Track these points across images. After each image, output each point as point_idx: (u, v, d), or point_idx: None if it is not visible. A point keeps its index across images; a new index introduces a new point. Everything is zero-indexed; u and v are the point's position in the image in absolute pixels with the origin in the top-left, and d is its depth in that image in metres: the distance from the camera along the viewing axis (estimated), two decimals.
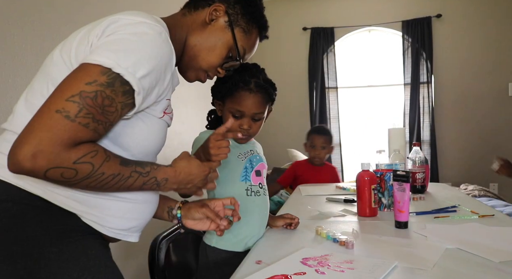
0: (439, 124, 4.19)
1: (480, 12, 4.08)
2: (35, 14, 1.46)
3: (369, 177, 1.36)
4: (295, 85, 4.45)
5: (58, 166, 0.61)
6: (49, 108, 0.61)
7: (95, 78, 0.63)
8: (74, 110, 0.61)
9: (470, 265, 0.86)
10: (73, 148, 0.62)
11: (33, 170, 0.60)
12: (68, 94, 0.62)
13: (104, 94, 0.64)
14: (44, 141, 0.59)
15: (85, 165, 0.64)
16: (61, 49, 0.75)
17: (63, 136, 0.60)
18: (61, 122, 0.60)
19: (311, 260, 0.89)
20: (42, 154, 0.59)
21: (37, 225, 0.68)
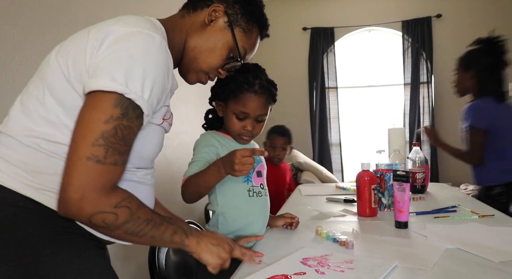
0: (439, 124, 4.19)
1: (480, 12, 4.08)
2: (35, 15, 1.46)
3: (369, 177, 1.36)
4: (295, 85, 4.45)
5: (101, 211, 0.65)
6: (79, 157, 0.64)
7: (110, 113, 0.65)
8: (102, 153, 0.64)
9: (470, 265, 0.86)
10: (112, 193, 0.66)
11: (79, 215, 0.64)
12: (92, 139, 0.64)
13: (122, 126, 0.66)
14: (87, 189, 0.63)
15: (124, 209, 0.67)
16: (57, 53, 0.75)
17: (101, 181, 0.65)
18: (95, 169, 0.64)
19: (311, 260, 0.89)
20: (87, 201, 0.63)
21: (30, 227, 0.68)
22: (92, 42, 0.70)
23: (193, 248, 0.81)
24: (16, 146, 0.71)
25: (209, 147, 1.12)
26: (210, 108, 1.24)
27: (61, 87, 0.71)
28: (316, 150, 4.31)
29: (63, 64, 0.72)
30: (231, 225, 1.13)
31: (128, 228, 0.69)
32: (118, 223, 0.67)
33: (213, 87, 1.18)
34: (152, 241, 0.74)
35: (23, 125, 0.72)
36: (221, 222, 1.13)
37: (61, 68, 0.72)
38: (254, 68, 1.15)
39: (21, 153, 0.71)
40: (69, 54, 0.72)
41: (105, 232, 0.69)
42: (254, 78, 1.10)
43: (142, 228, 0.70)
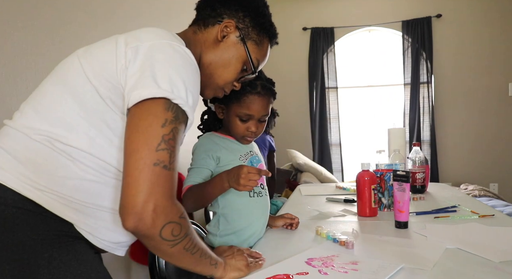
0: (439, 124, 4.19)
1: (480, 12, 4.09)
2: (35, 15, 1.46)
3: (369, 177, 1.36)
4: (295, 85, 4.45)
5: (171, 221, 0.64)
6: (146, 163, 0.62)
7: (165, 117, 0.65)
8: (167, 158, 0.64)
9: (470, 265, 0.86)
10: (177, 202, 0.66)
11: (152, 227, 0.62)
12: (155, 143, 0.63)
13: (177, 129, 0.67)
14: (159, 196, 0.62)
15: (185, 220, 0.67)
16: (80, 57, 0.74)
17: (169, 188, 0.64)
18: (164, 175, 0.63)
19: (316, 261, 0.89)
20: (160, 209, 0.62)
21: (28, 230, 0.67)
22: (124, 52, 0.70)
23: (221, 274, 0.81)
24: (27, 142, 0.70)
25: (207, 152, 1.12)
26: (206, 110, 1.23)
27: (84, 90, 0.71)
28: (316, 150, 4.32)
29: (88, 68, 0.71)
30: (232, 226, 1.13)
31: (187, 243, 0.68)
32: (182, 235, 0.67)
33: None
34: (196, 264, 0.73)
35: (36, 124, 0.70)
36: (222, 222, 1.13)
37: (84, 72, 0.71)
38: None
39: (31, 149, 0.69)
40: (95, 59, 0.72)
41: (166, 248, 0.66)
42: (255, 79, 1.10)
43: (195, 244, 0.70)
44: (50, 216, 0.69)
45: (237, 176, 0.96)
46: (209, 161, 1.11)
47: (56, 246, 0.68)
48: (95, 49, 0.74)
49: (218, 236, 1.14)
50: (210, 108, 1.21)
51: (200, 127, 1.24)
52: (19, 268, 0.64)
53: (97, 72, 0.71)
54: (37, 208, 0.68)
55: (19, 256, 0.65)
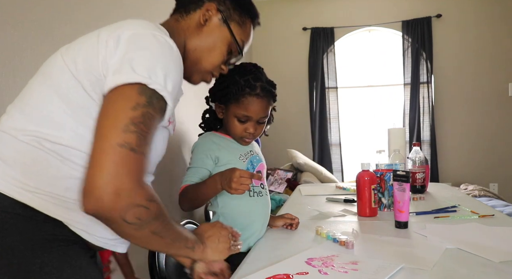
0: (439, 124, 4.19)
1: (480, 12, 4.09)
2: (35, 14, 1.46)
3: (369, 177, 1.36)
4: (295, 85, 4.45)
5: (137, 204, 0.61)
6: (111, 144, 0.60)
7: (137, 101, 0.63)
8: (135, 141, 0.61)
9: (470, 265, 0.86)
10: (144, 185, 0.63)
11: (114, 209, 0.59)
12: (121, 124, 0.61)
13: (150, 114, 0.64)
14: (122, 178, 0.59)
15: (155, 204, 0.64)
16: (63, 54, 0.73)
17: (136, 170, 0.61)
18: (129, 157, 0.60)
19: (316, 260, 0.89)
20: (124, 191, 0.59)
21: (18, 234, 0.64)
22: (105, 42, 0.69)
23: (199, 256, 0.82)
24: (15, 143, 0.68)
25: (206, 152, 1.12)
26: (208, 108, 1.23)
27: (68, 86, 0.69)
28: (316, 150, 4.31)
29: (71, 63, 0.70)
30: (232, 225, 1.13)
31: (157, 227, 0.66)
32: (150, 219, 0.64)
33: (212, 89, 1.18)
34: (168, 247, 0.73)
35: (23, 125, 0.69)
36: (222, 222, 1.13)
37: (68, 67, 0.70)
38: (254, 69, 1.13)
39: (19, 151, 0.68)
40: (78, 53, 0.71)
41: (131, 231, 0.64)
42: (255, 81, 1.10)
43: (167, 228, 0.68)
44: (42, 219, 0.67)
45: (229, 180, 0.96)
46: (207, 161, 1.11)
47: (48, 251, 0.66)
48: (77, 45, 0.73)
49: None
50: (211, 107, 1.21)
51: (202, 125, 1.25)
52: (9, 273, 0.62)
53: (81, 67, 0.69)
54: (28, 212, 0.66)
55: (8, 261, 0.63)
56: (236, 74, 1.10)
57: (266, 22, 4.46)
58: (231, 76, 1.10)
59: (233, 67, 1.16)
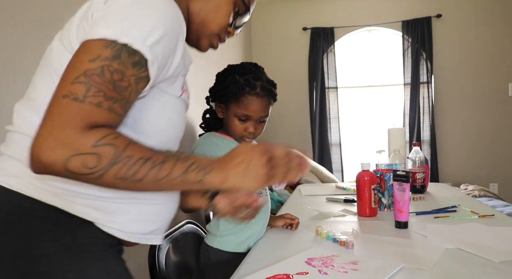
0: (439, 124, 4.19)
1: (480, 12, 4.09)
2: (35, 14, 1.46)
3: (369, 177, 1.36)
4: (295, 85, 4.45)
5: (77, 153, 0.53)
6: (56, 96, 0.55)
7: (98, 53, 0.57)
8: (82, 91, 0.55)
9: (470, 265, 0.86)
10: (90, 131, 0.55)
11: (53, 163, 0.53)
12: (73, 76, 0.56)
13: (112, 68, 0.57)
14: (56, 128, 0.53)
15: (107, 147, 0.55)
16: (60, 38, 0.69)
17: (75, 119, 0.54)
18: (70, 106, 0.54)
19: (316, 260, 0.89)
20: (57, 142, 0.53)
21: (54, 241, 0.61)
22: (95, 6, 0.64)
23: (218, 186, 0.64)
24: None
25: (206, 152, 1.12)
26: (208, 108, 1.23)
27: None
28: (316, 150, 4.31)
29: (68, 44, 0.65)
30: (232, 226, 1.13)
31: (119, 171, 0.56)
32: (102, 165, 0.55)
33: (212, 88, 1.18)
34: (160, 184, 0.59)
35: (36, 123, 0.64)
36: (222, 222, 1.14)
37: (67, 50, 0.65)
38: (254, 69, 1.14)
39: None
40: (72, 31, 0.65)
41: (92, 181, 0.57)
42: (255, 80, 1.10)
43: (137, 169, 0.56)
44: (75, 221, 0.63)
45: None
46: None
47: (85, 257, 0.63)
48: (69, 24, 0.69)
49: (218, 236, 1.15)
50: (212, 107, 1.21)
51: (202, 125, 1.25)
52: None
53: (75, 41, 0.64)
54: (61, 215, 0.63)
55: (46, 269, 0.60)
56: (236, 73, 1.11)
57: (266, 22, 4.46)
58: (231, 75, 1.11)
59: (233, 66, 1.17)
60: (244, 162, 0.64)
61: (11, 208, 0.62)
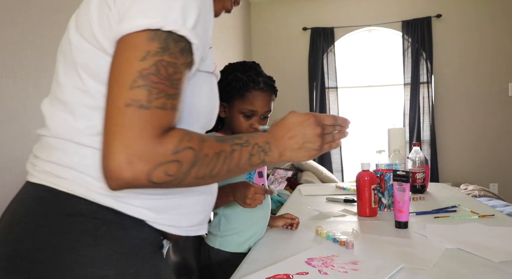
0: (439, 124, 4.19)
1: (480, 12, 4.09)
2: (36, 15, 1.46)
3: (369, 177, 1.36)
4: (295, 85, 4.45)
5: (159, 163, 0.52)
6: (116, 106, 0.52)
7: (147, 49, 0.53)
8: (144, 96, 0.52)
9: (470, 265, 0.86)
10: (165, 138, 0.53)
11: (136, 178, 0.52)
12: (129, 81, 0.52)
13: (164, 62, 0.54)
14: (131, 141, 0.51)
15: (186, 151, 0.54)
16: (77, 30, 0.63)
17: (147, 128, 0.52)
18: (137, 115, 0.51)
19: (316, 261, 0.89)
20: (136, 156, 0.51)
21: (112, 243, 0.59)
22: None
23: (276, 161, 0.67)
24: (77, 149, 0.61)
25: None
26: None
27: (98, 63, 0.60)
28: None
29: (90, 36, 0.61)
30: (233, 226, 1.14)
31: (199, 172, 0.56)
32: (184, 170, 0.54)
33: None
34: (230, 174, 0.61)
35: (73, 126, 0.61)
36: (223, 223, 1.14)
37: (89, 42, 0.61)
38: (254, 65, 1.16)
39: (86, 156, 0.60)
40: (93, 23, 0.60)
41: (173, 186, 0.56)
42: (257, 76, 1.13)
43: (213, 166, 0.57)
44: (129, 222, 0.62)
45: (244, 195, 1.02)
46: None
47: (139, 260, 0.62)
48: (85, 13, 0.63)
49: (219, 237, 1.15)
50: None
51: None
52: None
53: (100, 33, 0.59)
54: (116, 216, 0.61)
55: (105, 273, 0.58)
56: (237, 71, 1.12)
57: (266, 22, 4.46)
58: (232, 73, 1.12)
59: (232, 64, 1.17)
60: (298, 136, 0.67)
61: (66, 210, 0.60)
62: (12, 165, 1.34)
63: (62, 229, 0.58)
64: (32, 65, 1.44)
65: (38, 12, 1.47)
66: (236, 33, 3.96)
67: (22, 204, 0.62)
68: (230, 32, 3.76)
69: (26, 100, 1.41)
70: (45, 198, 0.60)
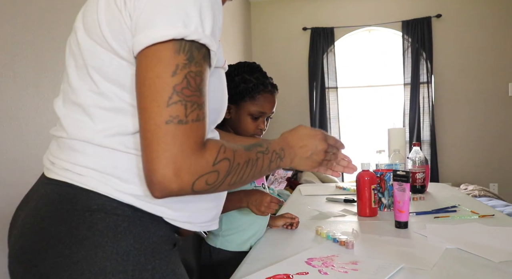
0: (439, 124, 4.19)
1: (480, 12, 4.09)
2: (36, 15, 1.46)
3: (369, 177, 1.36)
4: (295, 85, 4.45)
5: (201, 174, 0.57)
6: (156, 124, 0.54)
7: (175, 62, 0.55)
8: (182, 111, 0.55)
9: (470, 265, 0.86)
10: (205, 151, 0.58)
11: (182, 189, 0.56)
12: (165, 98, 0.54)
13: (193, 73, 0.56)
14: (177, 156, 0.54)
15: (223, 162, 0.59)
16: (86, 32, 0.64)
17: (189, 143, 0.55)
18: (179, 131, 0.55)
19: (316, 261, 0.89)
20: (183, 170, 0.55)
21: (131, 239, 0.61)
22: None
23: (287, 166, 0.76)
24: (96, 150, 0.63)
25: None
26: None
27: (113, 67, 0.61)
28: None
29: (100, 39, 0.61)
30: (235, 225, 1.14)
31: (232, 179, 0.62)
32: (221, 179, 0.60)
33: None
34: (254, 179, 0.68)
35: (92, 128, 0.63)
36: (225, 222, 1.14)
37: (100, 45, 0.62)
38: (257, 67, 1.18)
39: (106, 157, 0.62)
40: (102, 25, 0.61)
41: (210, 192, 0.61)
42: (264, 78, 1.15)
43: (243, 173, 0.63)
44: (148, 218, 0.64)
45: (260, 203, 1.05)
46: None
47: (157, 256, 0.64)
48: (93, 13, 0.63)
49: (221, 236, 1.15)
50: None
51: None
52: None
53: (110, 37, 0.60)
54: (136, 213, 0.63)
55: (123, 268, 0.60)
56: (244, 72, 1.13)
57: (266, 22, 4.46)
58: (239, 75, 1.13)
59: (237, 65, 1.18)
60: (308, 147, 0.76)
61: (88, 206, 0.61)
62: (12, 165, 1.34)
63: (85, 225, 0.60)
64: (32, 65, 1.44)
65: (38, 12, 1.47)
66: (236, 33, 3.96)
67: (46, 199, 0.63)
68: (230, 32, 3.76)
69: (26, 100, 1.41)
70: (68, 194, 0.62)
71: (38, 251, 0.60)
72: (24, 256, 0.61)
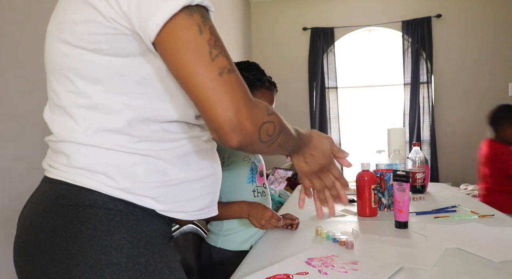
0: (439, 124, 4.19)
1: (480, 12, 4.09)
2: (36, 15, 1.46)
3: (369, 177, 1.36)
4: (295, 85, 4.45)
5: (264, 121, 0.60)
6: (213, 79, 0.55)
7: (196, 23, 0.56)
8: (225, 61, 0.57)
9: (470, 265, 0.86)
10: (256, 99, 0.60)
11: (254, 133, 0.58)
12: (206, 56, 0.56)
13: (213, 27, 0.58)
14: (243, 101, 0.57)
15: (275, 115, 0.62)
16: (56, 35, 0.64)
17: (245, 89, 0.58)
18: (233, 80, 0.57)
19: (316, 261, 0.89)
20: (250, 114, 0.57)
21: (124, 232, 0.63)
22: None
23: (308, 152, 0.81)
24: (82, 149, 0.64)
25: None
26: None
27: (84, 62, 0.61)
28: None
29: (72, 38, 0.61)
30: (235, 225, 1.14)
31: (282, 139, 0.65)
32: (276, 132, 0.62)
33: None
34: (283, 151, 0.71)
35: (74, 128, 0.64)
36: (225, 222, 1.14)
37: (71, 44, 0.62)
38: (255, 64, 1.18)
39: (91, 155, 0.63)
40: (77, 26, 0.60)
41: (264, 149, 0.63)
42: (261, 75, 1.15)
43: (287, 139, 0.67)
44: (140, 213, 0.65)
45: (261, 217, 1.08)
46: None
47: (151, 249, 0.65)
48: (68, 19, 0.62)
49: (221, 236, 1.15)
50: None
51: None
52: (117, 272, 0.61)
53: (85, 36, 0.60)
54: (128, 207, 0.64)
55: (117, 260, 0.61)
56: (242, 70, 1.13)
57: (266, 22, 4.46)
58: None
59: None
60: (314, 156, 0.81)
61: (82, 201, 0.63)
62: (12, 165, 1.34)
63: (79, 219, 0.62)
64: (32, 65, 1.44)
65: (38, 12, 1.47)
66: (236, 33, 3.96)
67: (45, 195, 0.66)
68: (230, 32, 3.76)
69: (26, 100, 1.41)
70: (63, 191, 0.64)
71: (38, 244, 0.62)
72: (25, 249, 0.64)
